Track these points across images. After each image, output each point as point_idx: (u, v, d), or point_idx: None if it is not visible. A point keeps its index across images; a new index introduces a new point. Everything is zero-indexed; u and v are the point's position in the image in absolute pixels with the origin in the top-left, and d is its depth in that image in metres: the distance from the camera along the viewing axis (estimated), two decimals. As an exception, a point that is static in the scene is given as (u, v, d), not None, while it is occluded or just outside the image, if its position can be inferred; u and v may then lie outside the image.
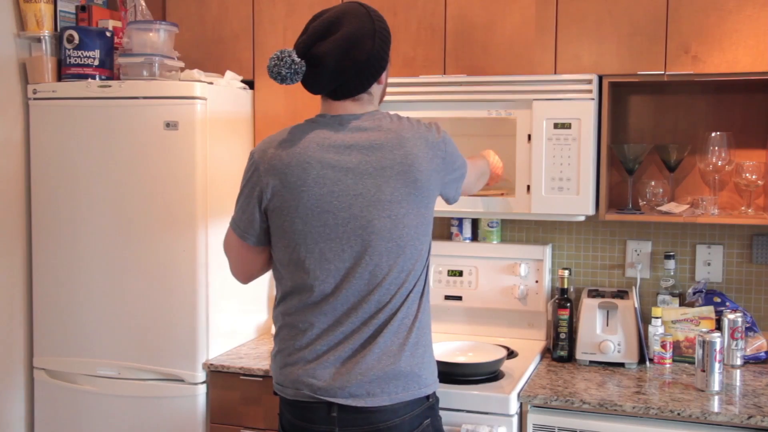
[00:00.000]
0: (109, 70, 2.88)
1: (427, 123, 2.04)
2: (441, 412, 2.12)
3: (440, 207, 2.24)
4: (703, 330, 2.49)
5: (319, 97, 2.88)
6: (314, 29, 1.95)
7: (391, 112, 2.05)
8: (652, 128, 2.88)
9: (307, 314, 1.99)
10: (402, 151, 1.94)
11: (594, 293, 2.82)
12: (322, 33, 1.93)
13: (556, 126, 2.57)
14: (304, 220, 1.96)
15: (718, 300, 2.76)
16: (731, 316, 2.61)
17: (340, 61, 1.91)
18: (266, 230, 2.06)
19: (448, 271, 3.01)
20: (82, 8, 3.00)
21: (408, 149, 1.95)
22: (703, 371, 2.38)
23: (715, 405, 2.28)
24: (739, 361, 2.63)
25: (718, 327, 2.63)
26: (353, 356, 1.95)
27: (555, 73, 2.64)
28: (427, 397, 2.02)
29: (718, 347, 2.37)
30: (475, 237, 3.05)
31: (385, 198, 1.93)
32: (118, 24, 3.01)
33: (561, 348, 2.72)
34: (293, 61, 1.91)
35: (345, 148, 1.96)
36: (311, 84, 1.98)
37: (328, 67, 1.92)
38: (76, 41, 2.82)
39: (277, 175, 1.98)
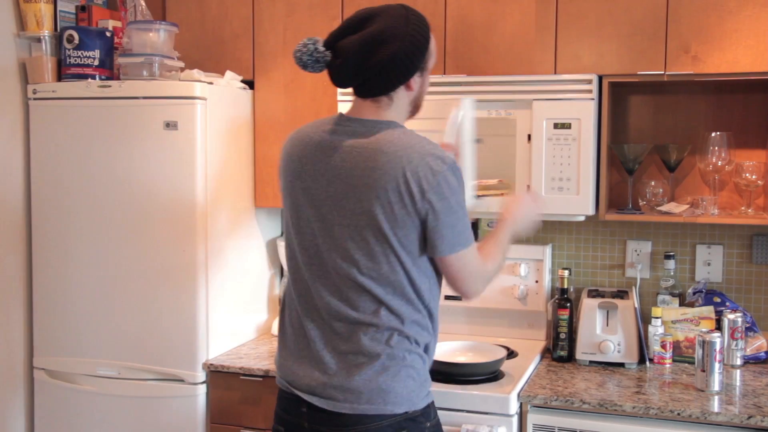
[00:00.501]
0: (109, 70, 2.88)
1: (442, 153, 1.92)
2: (441, 413, 2.11)
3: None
4: (703, 330, 2.49)
5: (318, 97, 2.91)
6: (348, 21, 1.94)
7: (408, 130, 1.97)
8: (652, 128, 2.88)
9: None
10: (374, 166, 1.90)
11: (594, 293, 2.82)
12: (354, 26, 1.92)
13: (556, 126, 2.57)
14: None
15: (718, 300, 2.76)
16: (731, 316, 2.61)
17: (363, 57, 1.88)
18: None
19: (448, 271, 3.00)
20: (82, 8, 3.00)
21: (381, 167, 1.88)
22: (703, 371, 2.38)
23: (715, 405, 2.28)
24: (739, 361, 2.63)
25: (718, 327, 2.63)
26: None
27: (555, 73, 2.64)
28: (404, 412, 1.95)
29: (718, 347, 2.37)
30: (475, 237, 3.04)
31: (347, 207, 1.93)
32: (118, 24, 3.01)
33: (561, 348, 2.72)
34: (316, 49, 1.90)
35: (331, 150, 1.96)
36: (334, 76, 1.95)
37: (349, 62, 1.89)
38: (76, 41, 2.82)
39: None
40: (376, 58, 1.88)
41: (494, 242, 2.13)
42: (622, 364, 2.65)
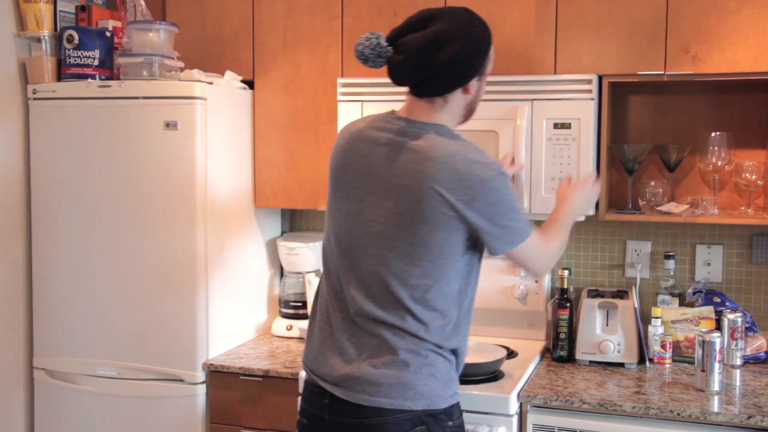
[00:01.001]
0: (108, 70, 2.88)
1: (487, 160, 1.92)
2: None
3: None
4: (703, 330, 2.49)
5: (318, 98, 2.91)
6: (411, 19, 1.93)
7: (456, 135, 1.96)
8: (651, 128, 2.88)
9: None
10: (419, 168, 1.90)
11: (594, 293, 2.82)
12: (417, 24, 1.91)
13: (555, 126, 2.57)
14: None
15: (718, 300, 2.76)
16: (731, 316, 2.61)
17: (425, 55, 1.87)
18: None
19: (448, 271, 3.00)
20: (82, 8, 3.00)
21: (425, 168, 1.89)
22: (703, 371, 2.38)
23: (715, 405, 2.28)
24: (738, 361, 2.63)
25: (718, 327, 2.63)
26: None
27: (555, 73, 2.64)
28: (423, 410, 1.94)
29: (717, 347, 2.37)
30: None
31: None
32: (118, 24, 3.01)
33: (561, 348, 2.72)
34: (379, 44, 1.89)
35: (377, 145, 1.97)
36: (394, 73, 1.93)
37: (410, 60, 1.88)
38: (76, 41, 2.82)
39: None
40: (438, 57, 1.87)
41: (557, 224, 2.21)
42: (622, 364, 2.65)
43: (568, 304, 2.73)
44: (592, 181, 2.39)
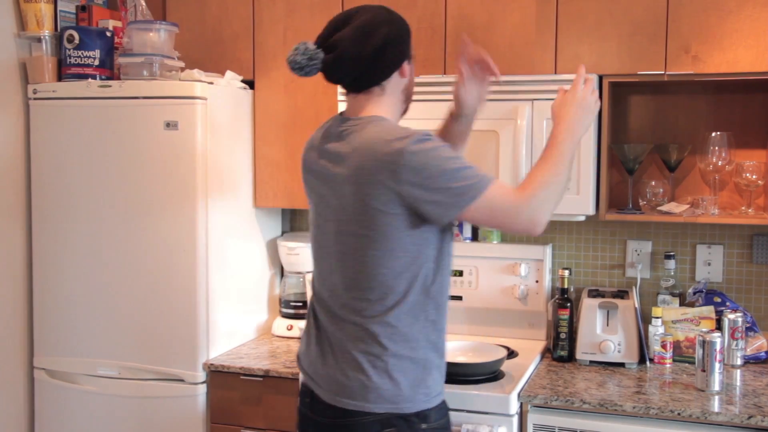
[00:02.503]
0: (109, 70, 2.88)
1: (406, 134, 1.85)
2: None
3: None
4: (704, 330, 2.49)
5: (318, 97, 2.91)
6: (331, 22, 1.97)
7: (385, 121, 1.95)
8: (652, 128, 2.88)
9: None
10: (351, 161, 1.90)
11: (594, 293, 2.82)
12: (339, 23, 1.95)
13: (556, 126, 2.57)
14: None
15: (719, 300, 2.76)
16: (731, 316, 2.61)
17: (358, 45, 1.91)
18: None
19: (449, 271, 3.01)
20: (83, 8, 3.00)
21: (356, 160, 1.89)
22: (704, 371, 2.38)
23: (716, 405, 2.28)
24: (739, 361, 2.63)
25: (719, 327, 2.63)
26: None
27: (555, 73, 2.64)
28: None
29: (718, 347, 2.37)
30: (475, 237, 3.05)
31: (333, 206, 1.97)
32: (119, 24, 3.01)
33: (561, 348, 2.72)
34: (307, 48, 1.91)
35: (323, 152, 2.00)
36: (331, 71, 1.94)
37: (346, 53, 1.91)
38: (77, 41, 2.82)
39: None
40: (370, 44, 1.91)
41: (550, 153, 1.91)
42: (622, 364, 2.65)
43: (569, 304, 2.73)
44: (585, 83, 2.04)
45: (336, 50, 1.91)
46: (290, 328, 3.04)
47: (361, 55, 1.91)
